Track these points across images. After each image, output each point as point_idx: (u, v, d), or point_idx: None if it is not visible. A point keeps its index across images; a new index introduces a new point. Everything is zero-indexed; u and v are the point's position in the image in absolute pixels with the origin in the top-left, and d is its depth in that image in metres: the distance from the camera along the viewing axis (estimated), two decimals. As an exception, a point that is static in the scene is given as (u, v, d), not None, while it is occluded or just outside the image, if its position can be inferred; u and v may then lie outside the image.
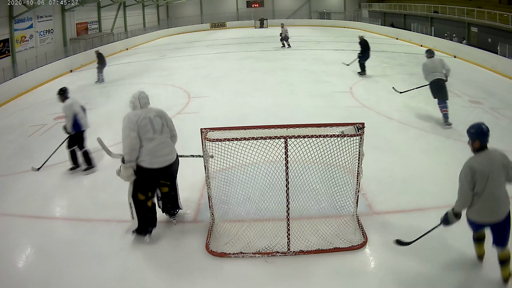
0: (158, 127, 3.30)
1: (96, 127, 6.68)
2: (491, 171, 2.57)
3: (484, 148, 2.72)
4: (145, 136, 3.22)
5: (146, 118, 3.25)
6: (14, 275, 3.08)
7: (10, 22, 13.72)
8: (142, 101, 3.33)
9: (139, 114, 3.25)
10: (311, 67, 10.93)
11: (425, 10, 19.74)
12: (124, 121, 3.23)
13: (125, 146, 3.20)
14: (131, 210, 3.36)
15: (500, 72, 10.33)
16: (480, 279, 2.81)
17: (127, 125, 3.20)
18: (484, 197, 2.58)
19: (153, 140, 3.24)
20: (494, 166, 2.60)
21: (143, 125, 3.22)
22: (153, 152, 3.24)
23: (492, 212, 2.60)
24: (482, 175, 2.56)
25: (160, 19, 27.70)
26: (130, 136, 3.17)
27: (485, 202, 2.58)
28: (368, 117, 6.31)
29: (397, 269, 2.92)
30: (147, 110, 3.33)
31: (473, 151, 2.77)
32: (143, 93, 3.38)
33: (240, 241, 3.23)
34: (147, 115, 3.27)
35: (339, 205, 3.45)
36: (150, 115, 3.29)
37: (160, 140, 3.28)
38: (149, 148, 3.22)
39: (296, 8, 28.48)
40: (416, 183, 4.21)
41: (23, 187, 4.58)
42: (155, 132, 3.26)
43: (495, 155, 2.71)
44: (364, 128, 3.03)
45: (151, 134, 3.24)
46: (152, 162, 3.23)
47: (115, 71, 12.43)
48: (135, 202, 3.32)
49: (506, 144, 5.26)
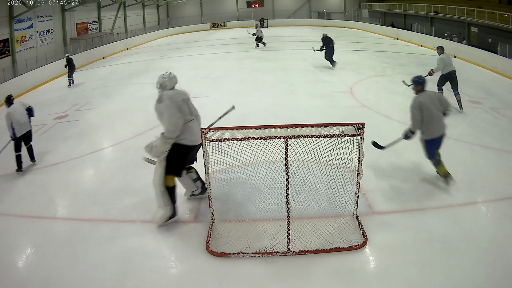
0: (193, 108, 3.61)
1: (96, 127, 6.70)
2: (431, 102, 4.01)
3: (423, 90, 4.15)
4: (185, 117, 3.44)
5: (183, 100, 3.50)
6: (14, 275, 3.09)
7: (10, 22, 13.73)
8: (173, 81, 3.56)
9: (176, 94, 3.47)
10: (311, 67, 10.92)
11: (425, 10, 19.73)
12: (165, 101, 3.39)
13: (171, 124, 3.36)
14: (163, 198, 3.44)
15: (500, 72, 10.33)
16: (480, 278, 2.81)
17: (171, 104, 3.37)
18: (430, 121, 3.99)
19: (190, 121, 3.50)
20: (433, 99, 4.05)
21: (181, 106, 3.46)
22: (192, 131, 3.49)
23: (438, 128, 4.05)
24: (426, 105, 3.97)
25: (160, 19, 27.70)
26: (176, 116, 3.37)
27: (432, 123, 4.00)
28: (368, 117, 6.30)
29: (397, 269, 2.92)
30: (178, 91, 3.54)
31: (416, 93, 4.15)
32: (172, 74, 3.58)
33: (240, 241, 3.23)
34: (181, 97, 3.51)
35: (339, 205, 3.44)
36: (184, 97, 3.54)
37: (196, 120, 3.59)
38: (188, 127, 3.46)
39: (296, 8, 28.48)
40: (416, 183, 4.21)
41: (23, 187, 4.58)
42: (191, 113, 3.55)
43: (431, 93, 4.19)
44: (364, 128, 3.03)
45: (189, 116, 3.51)
46: (192, 140, 3.50)
47: (115, 71, 12.44)
48: (168, 189, 3.45)
49: (506, 144, 5.26)
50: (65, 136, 6.34)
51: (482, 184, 4.16)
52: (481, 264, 2.93)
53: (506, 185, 4.10)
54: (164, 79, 3.53)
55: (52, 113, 7.80)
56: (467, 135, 5.56)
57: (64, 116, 7.52)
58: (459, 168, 4.54)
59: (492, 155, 4.92)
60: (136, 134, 6.05)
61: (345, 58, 10.98)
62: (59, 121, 7.24)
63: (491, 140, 5.38)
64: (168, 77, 3.54)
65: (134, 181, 4.49)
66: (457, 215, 3.59)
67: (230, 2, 28.87)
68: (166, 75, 3.54)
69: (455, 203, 3.79)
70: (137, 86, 9.74)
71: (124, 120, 6.94)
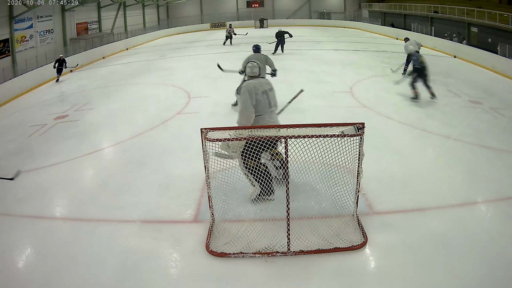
0: (273, 100, 3.58)
1: (96, 127, 6.70)
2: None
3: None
4: (263, 109, 3.49)
5: (264, 92, 3.49)
6: (14, 275, 3.08)
7: (10, 22, 13.72)
8: (253, 70, 3.60)
9: (257, 87, 3.47)
10: (311, 67, 10.92)
11: (425, 10, 19.72)
12: (243, 93, 3.44)
13: (242, 117, 3.44)
14: (248, 179, 3.57)
15: (500, 72, 10.33)
16: (480, 278, 2.81)
17: (247, 98, 3.42)
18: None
19: (268, 113, 3.54)
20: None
21: (261, 99, 3.47)
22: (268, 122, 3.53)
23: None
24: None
25: (160, 19, 27.70)
26: (249, 111, 3.43)
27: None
28: (368, 117, 6.31)
29: (397, 269, 2.92)
30: (262, 82, 3.55)
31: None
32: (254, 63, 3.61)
33: (240, 241, 3.23)
34: (264, 88, 3.51)
35: (339, 205, 3.44)
36: (266, 88, 3.52)
37: (274, 112, 3.62)
38: (265, 118, 3.52)
39: (296, 8, 28.47)
40: (416, 183, 4.21)
41: (23, 187, 4.57)
42: (270, 106, 3.56)
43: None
44: (364, 128, 3.03)
45: (267, 108, 3.53)
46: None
47: (115, 71, 12.44)
48: (250, 170, 3.46)
49: (506, 144, 5.26)
50: (65, 136, 6.34)
51: (482, 184, 4.16)
52: (481, 264, 2.93)
53: (506, 185, 4.10)
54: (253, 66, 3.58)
55: (52, 113, 7.80)
56: (467, 135, 5.56)
57: (64, 116, 7.52)
58: (459, 168, 4.54)
59: (492, 155, 4.92)
60: (136, 134, 6.05)
61: (345, 58, 10.99)
62: (59, 121, 7.24)
63: (491, 140, 5.38)
64: (248, 66, 3.60)
65: (134, 181, 4.49)
66: (457, 215, 3.59)
67: (230, 2, 28.86)
68: (247, 63, 3.66)
69: (455, 203, 3.79)
70: (137, 86, 9.74)
71: (124, 120, 6.94)
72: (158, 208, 3.88)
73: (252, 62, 3.63)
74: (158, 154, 5.21)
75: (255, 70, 3.61)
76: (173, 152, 5.26)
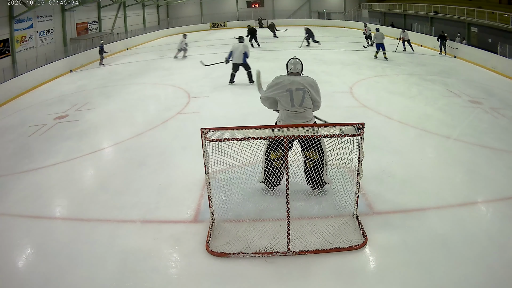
0: (298, 100, 3.58)
1: (96, 127, 6.70)
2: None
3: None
4: (285, 105, 3.60)
5: (288, 90, 3.58)
6: (14, 275, 3.08)
7: (10, 22, 13.72)
8: (289, 66, 3.75)
9: (284, 83, 3.61)
10: (311, 67, 10.90)
11: (425, 10, 19.72)
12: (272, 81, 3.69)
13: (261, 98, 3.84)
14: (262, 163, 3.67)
15: (500, 72, 10.33)
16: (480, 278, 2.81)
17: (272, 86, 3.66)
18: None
19: (290, 111, 3.59)
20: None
21: (283, 95, 3.59)
22: (289, 119, 3.58)
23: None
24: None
25: (160, 19, 27.69)
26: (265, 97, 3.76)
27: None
28: (368, 117, 6.30)
29: (397, 269, 2.92)
30: (292, 79, 3.63)
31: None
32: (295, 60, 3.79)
33: (240, 241, 3.22)
34: (290, 86, 3.59)
35: (339, 205, 3.45)
36: (292, 88, 3.58)
37: (297, 111, 3.59)
38: (287, 114, 3.60)
39: (296, 8, 28.47)
40: (416, 183, 4.21)
41: (23, 187, 4.57)
42: (293, 105, 3.58)
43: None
44: (364, 128, 3.03)
45: (289, 106, 3.58)
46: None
47: (115, 71, 12.44)
48: (266, 158, 3.61)
49: (506, 144, 5.27)
50: (65, 136, 6.34)
51: (482, 184, 4.16)
52: (481, 264, 2.93)
53: (506, 185, 4.10)
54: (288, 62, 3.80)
55: (52, 113, 7.80)
56: (467, 135, 5.56)
57: (64, 116, 7.52)
58: (459, 168, 4.55)
59: (492, 155, 4.92)
60: (136, 134, 6.05)
61: (345, 58, 10.99)
62: (59, 121, 7.24)
63: (491, 140, 5.38)
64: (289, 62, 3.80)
65: (134, 181, 4.49)
66: (457, 215, 3.59)
67: (230, 2, 28.86)
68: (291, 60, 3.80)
69: (455, 203, 3.79)
70: (137, 86, 9.74)
71: (124, 120, 6.94)
72: (158, 208, 3.88)
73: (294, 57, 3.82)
74: (158, 154, 5.21)
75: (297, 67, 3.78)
76: (173, 152, 5.26)
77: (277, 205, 3.32)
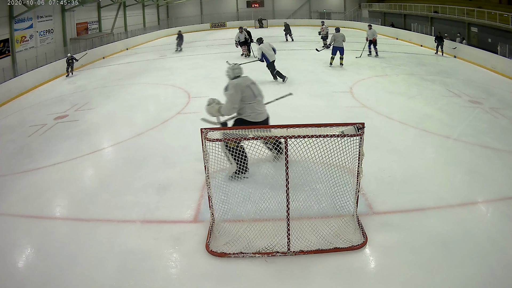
0: (257, 91, 4.21)
1: (96, 127, 6.70)
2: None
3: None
4: (248, 99, 4.08)
5: (246, 86, 4.12)
6: (14, 275, 3.09)
7: (10, 22, 13.72)
8: (235, 71, 4.22)
9: (242, 83, 4.11)
10: (311, 67, 10.92)
11: (425, 10, 19.72)
12: (230, 89, 4.07)
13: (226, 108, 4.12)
14: (227, 156, 3.98)
15: (500, 72, 10.33)
16: (480, 278, 2.81)
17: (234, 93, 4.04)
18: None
19: (254, 101, 4.13)
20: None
21: (246, 90, 4.08)
22: (256, 110, 4.13)
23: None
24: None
25: (160, 19, 27.69)
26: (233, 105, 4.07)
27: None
28: (368, 117, 6.30)
29: (397, 269, 2.92)
30: (242, 79, 4.17)
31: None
32: (236, 65, 4.26)
33: (240, 241, 3.23)
34: (245, 83, 4.14)
35: (339, 205, 3.44)
36: (247, 83, 4.16)
37: (260, 100, 4.22)
38: (252, 106, 4.11)
39: (296, 8, 28.47)
40: (416, 183, 4.21)
41: (23, 187, 4.58)
42: (255, 96, 4.15)
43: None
44: (364, 128, 3.03)
45: (253, 98, 4.13)
46: (255, 117, 4.12)
47: (115, 71, 12.44)
48: (229, 149, 3.91)
49: (506, 144, 5.26)
50: (65, 136, 6.34)
51: (482, 184, 4.16)
52: (481, 264, 2.93)
53: (506, 185, 4.10)
54: (229, 70, 4.26)
55: (52, 113, 7.80)
56: (467, 135, 5.56)
57: (64, 116, 7.53)
58: (459, 168, 4.55)
59: (492, 155, 4.92)
60: (136, 134, 6.05)
61: (345, 58, 10.97)
62: (59, 121, 7.25)
63: (491, 140, 5.38)
64: (232, 68, 4.24)
65: (134, 181, 4.49)
66: (457, 215, 3.59)
67: (230, 2, 28.85)
68: (230, 67, 4.25)
69: (455, 203, 3.79)
70: (137, 86, 9.74)
71: (124, 120, 6.95)
72: (158, 208, 3.88)
73: (235, 64, 4.28)
74: (158, 154, 5.21)
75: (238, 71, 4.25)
76: (173, 152, 5.26)
77: (277, 205, 3.32)
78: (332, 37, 10.56)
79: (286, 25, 17.54)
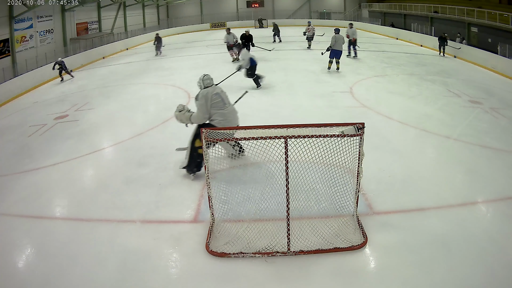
0: (226, 99, 4.39)
1: (96, 127, 6.70)
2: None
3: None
4: (219, 106, 4.25)
5: (216, 94, 4.27)
6: (14, 275, 3.09)
7: (10, 22, 13.72)
8: (206, 82, 4.34)
9: (211, 92, 4.25)
10: (311, 67, 10.92)
11: (425, 10, 19.71)
12: (200, 99, 4.24)
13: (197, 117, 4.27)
14: (187, 151, 4.31)
15: (500, 72, 10.33)
16: (480, 278, 2.81)
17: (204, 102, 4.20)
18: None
19: (224, 109, 4.29)
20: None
21: (215, 99, 4.23)
22: (223, 116, 4.26)
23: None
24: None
25: (160, 19, 27.68)
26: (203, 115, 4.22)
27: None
28: (368, 117, 6.30)
29: (397, 269, 2.92)
30: (211, 88, 4.30)
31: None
32: (206, 76, 4.38)
33: (240, 241, 3.23)
34: (214, 91, 4.28)
35: (339, 205, 3.44)
36: (217, 91, 4.31)
37: (229, 108, 4.38)
38: (221, 113, 4.26)
39: (296, 8, 28.46)
40: (416, 183, 4.21)
41: (23, 187, 4.58)
42: (225, 103, 4.33)
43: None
44: (364, 128, 3.03)
45: (223, 106, 4.29)
46: (222, 123, 4.23)
47: (115, 71, 12.44)
48: (191, 146, 4.25)
49: (506, 144, 5.27)
50: (65, 136, 6.34)
51: (482, 184, 4.16)
52: (481, 264, 2.93)
53: (506, 185, 4.10)
54: (200, 80, 4.37)
55: (52, 113, 7.80)
56: (467, 135, 5.56)
57: (64, 116, 7.53)
58: (459, 168, 4.55)
59: (492, 155, 4.92)
60: (136, 134, 6.05)
61: (345, 58, 10.98)
62: (59, 121, 7.24)
63: (491, 140, 5.38)
64: (202, 79, 4.36)
65: (134, 181, 4.49)
66: (457, 215, 3.59)
67: (230, 2, 28.84)
68: (201, 77, 4.36)
69: (455, 203, 3.79)
70: (137, 86, 9.74)
71: (124, 120, 6.94)
72: (158, 208, 3.88)
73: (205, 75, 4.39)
74: (158, 154, 5.21)
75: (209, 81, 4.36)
76: (173, 152, 5.25)
77: (277, 205, 3.32)
78: (332, 39, 9.61)
79: (274, 25, 17.26)
